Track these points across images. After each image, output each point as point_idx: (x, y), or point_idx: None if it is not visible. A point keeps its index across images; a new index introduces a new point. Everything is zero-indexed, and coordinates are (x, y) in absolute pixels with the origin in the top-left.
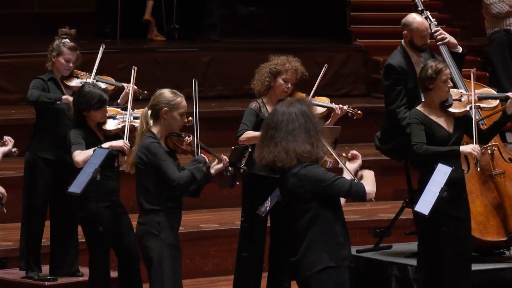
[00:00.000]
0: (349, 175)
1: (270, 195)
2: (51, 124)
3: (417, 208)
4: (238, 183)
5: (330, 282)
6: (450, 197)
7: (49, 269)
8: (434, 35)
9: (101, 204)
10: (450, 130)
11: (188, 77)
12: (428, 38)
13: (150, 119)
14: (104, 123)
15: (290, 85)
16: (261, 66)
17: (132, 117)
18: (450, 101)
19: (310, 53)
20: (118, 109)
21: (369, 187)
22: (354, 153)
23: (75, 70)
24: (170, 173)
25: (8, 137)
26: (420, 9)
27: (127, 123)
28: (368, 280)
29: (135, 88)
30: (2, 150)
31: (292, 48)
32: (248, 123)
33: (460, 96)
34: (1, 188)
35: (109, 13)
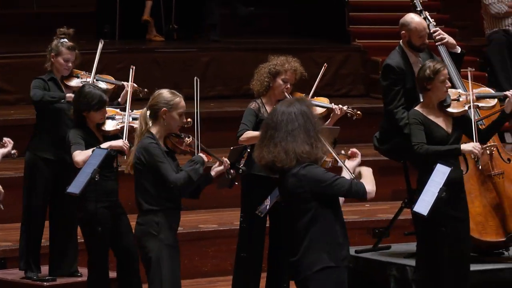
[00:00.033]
0: (348, 174)
1: (269, 195)
2: (51, 124)
3: (416, 209)
4: (237, 183)
5: (329, 282)
6: (449, 197)
7: (48, 269)
8: (432, 35)
9: (100, 204)
10: (448, 130)
11: (187, 78)
12: (426, 38)
13: (149, 120)
14: (103, 123)
15: (290, 85)
16: (260, 66)
17: (131, 118)
18: (449, 101)
19: (309, 53)
20: (117, 110)
21: (369, 186)
22: (354, 150)
23: (74, 69)
24: (168, 174)
25: (7, 138)
26: (418, 10)
27: (126, 123)
28: (367, 280)
29: (135, 86)
30: (2, 151)
31: (291, 48)
32: (248, 123)
33: (458, 96)
34: None
35: (108, 13)
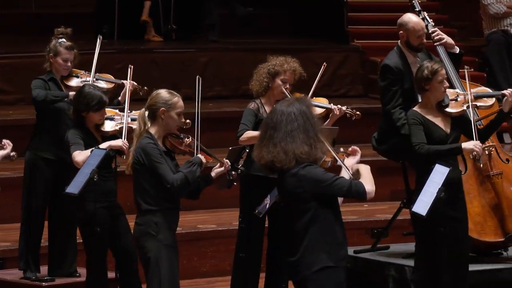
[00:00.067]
0: (347, 172)
1: (268, 195)
2: (51, 124)
3: (414, 209)
4: (235, 183)
5: (328, 282)
6: (447, 197)
7: (47, 269)
8: (431, 35)
9: (98, 204)
10: (447, 130)
11: (185, 78)
12: (424, 38)
13: (147, 120)
14: (102, 124)
15: (289, 85)
16: (259, 66)
17: (130, 118)
18: (447, 101)
19: (308, 53)
20: (116, 111)
21: (369, 186)
22: (354, 148)
23: (74, 69)
24: (165, 175)
25: (6, 140)
26: (417, 10)
27: (125, 123)
28: (366, 280)
29: (135, 84)
30: (1, 153)
31: (289, 48)
32: (247, 123)
33: (456, 96)
34: None
35: (107, 14)
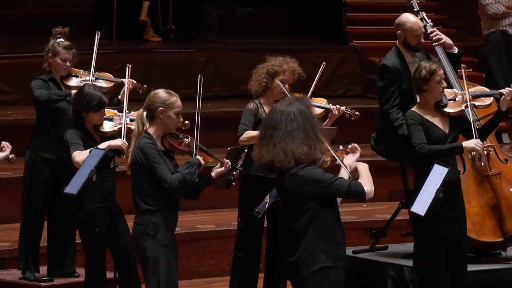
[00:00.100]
0: (346, 171)
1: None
2: (52, 124)
3: (413, 209)
4: (234, 184)
5: (327, 282)
6: (446, 198)
7: (46, 269)
8: (429, 36)
9: (97, 205)
10: (445, 130)
11: (184, 78)
12: (422, 38)
13: (146, 120)
14: (101, 124)
15: (288, 86)
16: (258, 66)
17: (129, 119)
18: (445, 101)
19: (306, 53)
20: (115, 111)
21: (368, 186)
22: (354, 145)
23: (73, 69)
24: (163, 175)
25: (5, 142)
26: (416, 10)
27: (123, 122)
28: (364, 281)
29: (134, 82)
30: (0, 155)
31: (288, 49)
32: (247, 123)
33: (454, 96)
34: None
35: (106, 14)
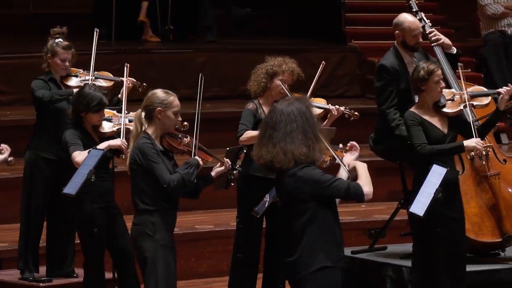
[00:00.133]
0: (345, 170)
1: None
2: (52, 124)
3: (411, 209)
4: (233, 184)
5: (326, 282)
6: (444, 198)
7: (45, 270)
8: (428, 36)
9: (95, 205)
10: (444, 130)
11: (183, 78)
12: (420, 37)
13: (144, 121)
14: (100, 125)
15: (287, 86)
16: (257, 67)
17: (127, 120)
18: (443, 101)
19: (305, 54)
20: (114, 112)
21: (366, 188)
22: (352, 143)
23: (72, 68)
24: (162, 175)
25: (5, 145)
26: (414, 10)
27: (122, 122)
28: (363, 281)
29: (134, 80)
30: None
31: (286, 49)
32: (247, 123)
33: (452, 96)
34: None
35: (104, 14)
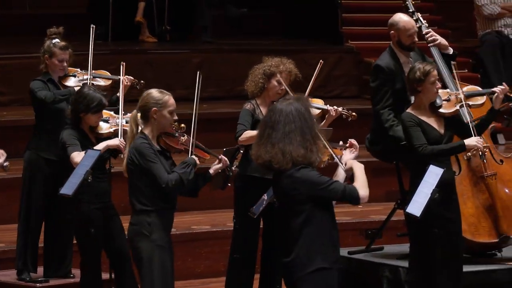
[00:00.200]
0: (342, 169)
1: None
2: (52, 124)
3: (408, 210)
4: (230, 184)
5: (322, 283)
6: (441, 198)
7: (43, 270)
8: (425, 36)
9: (92, 206)
10: (441, 131)
11: (180, 79)
12: (416, 37)
13: (140, 121)
14: (97, 126)
15: (287, 84)
16: (254, 67)
17: (125, 120)
18: (439, 102)
19: (302, 54)
20: (111, 113)
21: (362, 191)
22: (352, 142)
23: (69, 68)
24: (160, 175)
25: (1, 150)
26: (411, 11)
27: (120, 122)
28: (360, 281)
29: (132, 78)
30: None
31: (284, 49)
32: (245, 123)
33: (448, 96)
34: None
35: (101, 15)
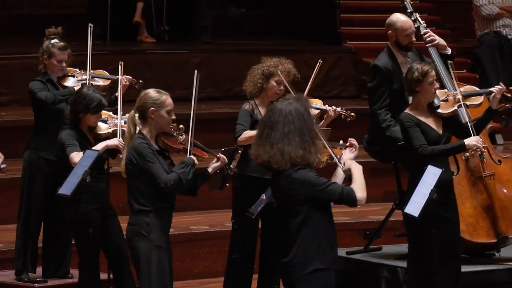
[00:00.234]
0: (341, 168)
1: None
2: (51, 125)
3: (407, 210)
4: (228, 185)
5: (320, 284)
6: (439, 198)
7: (42, 270)
8: (423, 37)
9: (90, 206)
10: (439, 131)
11: (178, 79)
12: (413, 37)
13: (138, 122)
14: (96, 126)
15: (283, 87)
16: (253, 67)
17: (123, 121)
18: (437, 102)
19: (300, 54)
20: (110, 113)
21: (360, 193)
22: (353, 142)
23: (68, 68)
24: (159, 175)
25: None
26: (409, 11)
27: (118, 122)
28: (358, 282)
29: (130, 78)
30: None
31: (282, 50)
32: (244, 123)
33: (446, 97)
34: None
35: (99, 15)
